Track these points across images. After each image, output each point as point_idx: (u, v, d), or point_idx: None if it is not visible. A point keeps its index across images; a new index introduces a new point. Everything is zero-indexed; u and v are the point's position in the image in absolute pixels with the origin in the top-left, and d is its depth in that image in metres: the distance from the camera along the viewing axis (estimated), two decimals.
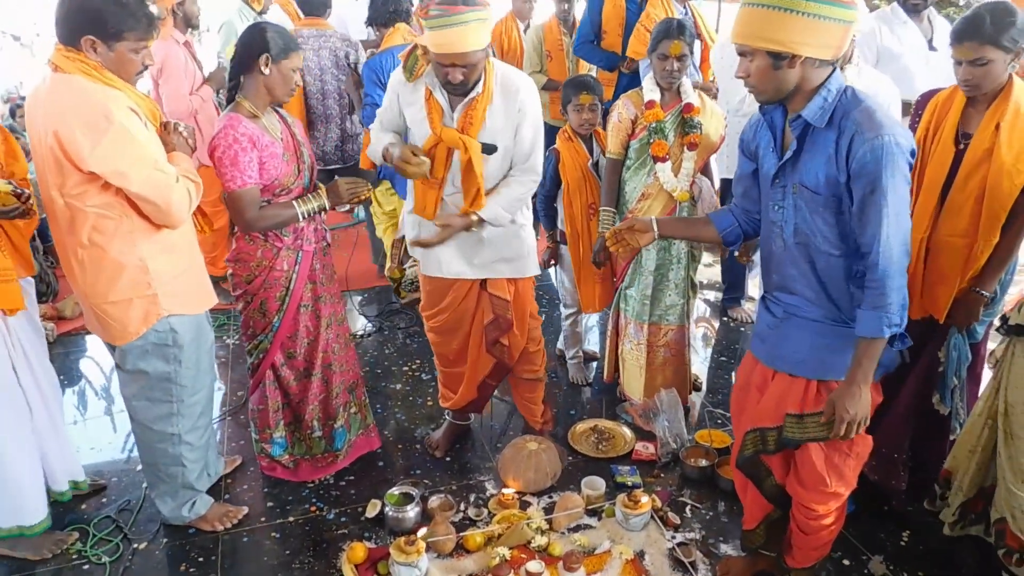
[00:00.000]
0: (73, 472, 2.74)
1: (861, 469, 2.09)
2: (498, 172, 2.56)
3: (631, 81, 4.05)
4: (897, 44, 3.46)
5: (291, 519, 2.67)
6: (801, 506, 2.10)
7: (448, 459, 3.00)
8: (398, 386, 3.62)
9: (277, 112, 2.55)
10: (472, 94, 2.44)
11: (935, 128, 2.32)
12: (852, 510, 2.55)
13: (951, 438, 2.50)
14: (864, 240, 1.73)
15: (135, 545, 2.54)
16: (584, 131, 3.15)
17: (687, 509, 2.70)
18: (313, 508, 2.72)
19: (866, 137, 1.66)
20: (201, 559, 2.48)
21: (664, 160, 2.93)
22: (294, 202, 2.48)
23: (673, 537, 2.53)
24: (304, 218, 2.50)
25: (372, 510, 2.66)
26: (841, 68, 1.99)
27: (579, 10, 4.76)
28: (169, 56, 3.92)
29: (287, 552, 2.51)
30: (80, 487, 2.77)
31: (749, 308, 4.30)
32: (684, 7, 4.03)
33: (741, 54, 1.77)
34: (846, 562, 2.45)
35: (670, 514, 2.62)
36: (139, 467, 2.77)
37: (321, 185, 2.60)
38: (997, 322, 2.29)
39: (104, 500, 2.77)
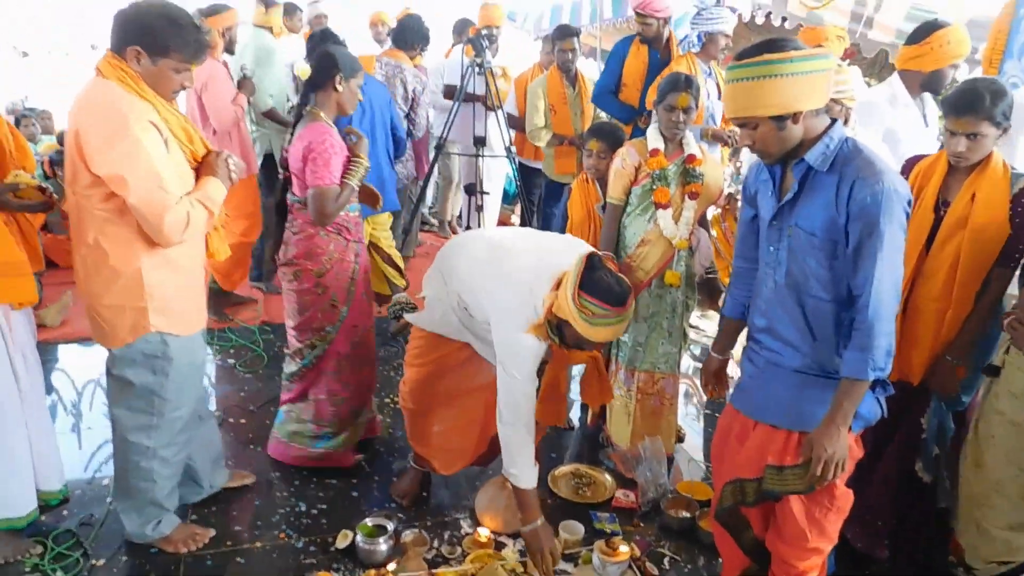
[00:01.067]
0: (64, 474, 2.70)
1: (843, 531, 2.06)
2: None
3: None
4: (902, 128, 3.47)
5: (258, 544, 2.58)
6: (781, 562, 2.06)
7: (424, 494, 2.93)
8: (378, 417, 3.55)
9: None
10: None
11: (917, 193, 2.37)
12: (832, 571, 2.52)
13: (940, 506, 2.47)
14: (856, 282, 1.76)
15: (94, 561, 2.45)
16: (593, 175, 3.18)
17: (665, 560, 2.63)
18: (282, 535, 2.63)
19: (868, 183, 1.71)
20: None
21: (666, 207, 2.96)
22: (343, 179, 2.72)
23: None
24: (356, 187, 2.78)
25: (343, 541, 2.58)
26: None
27: (581, 63, 4.81)
28: (214, 73, 4.16)
29: None
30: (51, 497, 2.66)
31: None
32: (708, 66, 4.05)
33: (742, 126, 1.81)
34: None
35: (648, 564, 2.56)
36: (105, 482, 2.69)
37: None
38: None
39: (65, 513, 2.67)
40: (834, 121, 1.83)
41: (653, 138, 2.99)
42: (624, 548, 2.50)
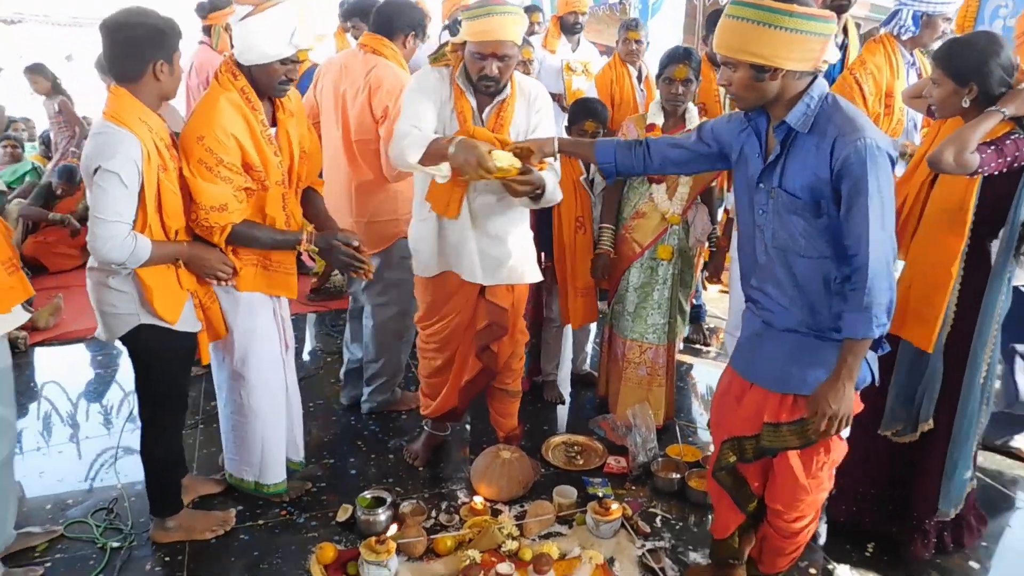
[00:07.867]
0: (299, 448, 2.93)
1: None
2: None
3: None
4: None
5: (261, 522, 2.65)
6: (777, 515, 2.11)
7: (420, 468, 3.00)
8: None
9: None
10: (502, 96, 2.50)
11: None
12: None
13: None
14: (851, 242, 1.74)
15: (98, 545, 2.51)
16: None
17: (657, 519, 2.72)
18: (284, 512, 2.70)
19: (848, 140, 1.69)
20: (167, 559, 2.45)
21: (659, 181, 3.03)
22: None
23: (643, 545, 2.55)
24: None
25: (343, 514, 2.65)
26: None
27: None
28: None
29: (255, 554, 2.49)
30: (295, 466, 2.88)
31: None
32: (911, 54, 3.20)
33: (724, 63, 1.81)
34: (812, 571, 2.47)
35: (640, 523, 2.64)
36: (101, 483, 2.75)
37: None
38: None
39: (70, 502, 2.75)
40: (814, 78, 1.79)
41: (653, 113, 3.07)
42: (616, 507, 2.58)
